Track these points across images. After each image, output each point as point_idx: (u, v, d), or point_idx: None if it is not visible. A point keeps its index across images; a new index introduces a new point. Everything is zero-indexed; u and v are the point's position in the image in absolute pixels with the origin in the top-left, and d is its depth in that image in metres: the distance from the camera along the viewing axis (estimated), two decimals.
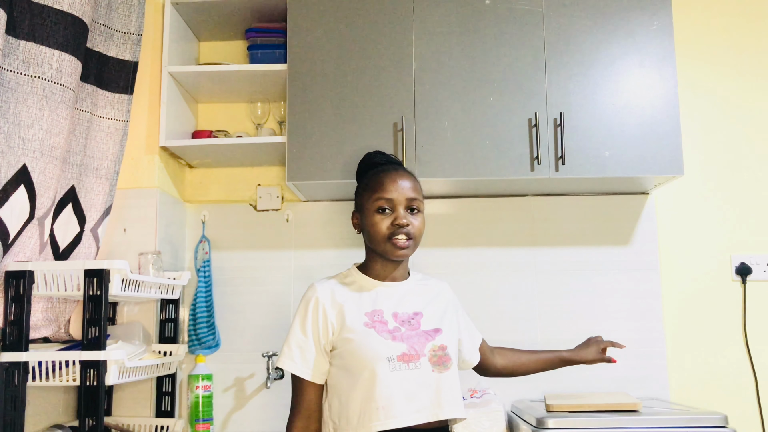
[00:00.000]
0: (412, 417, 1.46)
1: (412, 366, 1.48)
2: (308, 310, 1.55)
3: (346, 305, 1.54)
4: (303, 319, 1.55)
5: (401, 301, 1.59)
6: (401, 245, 1.54)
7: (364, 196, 1.60)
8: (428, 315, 1.58)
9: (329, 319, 1.53)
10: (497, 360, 1.83)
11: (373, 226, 1.55)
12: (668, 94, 2.09)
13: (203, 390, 2.15)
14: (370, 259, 1.63)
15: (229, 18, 2.35)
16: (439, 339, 1.54)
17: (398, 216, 1.54)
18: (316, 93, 2.12)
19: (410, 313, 1.57)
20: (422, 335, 1.53)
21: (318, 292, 1.56)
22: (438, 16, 2.14)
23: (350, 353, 1.49)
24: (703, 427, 1.80)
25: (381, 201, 1.55)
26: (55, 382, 1.68)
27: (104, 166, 2.02)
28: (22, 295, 1.67)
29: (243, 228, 2.43)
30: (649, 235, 2.37)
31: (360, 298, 1.57)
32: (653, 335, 2.32)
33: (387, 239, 1.54)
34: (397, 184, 1.56)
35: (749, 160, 2.42)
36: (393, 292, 1.60)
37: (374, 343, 1.48)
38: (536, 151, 2.06)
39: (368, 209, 1.57)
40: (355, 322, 1.52)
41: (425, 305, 1.60)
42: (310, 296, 1.57)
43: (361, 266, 1.66)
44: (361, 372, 1.47)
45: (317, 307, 1.54)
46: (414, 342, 1.51)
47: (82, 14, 1.78)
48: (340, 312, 1.53)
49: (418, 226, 1.56)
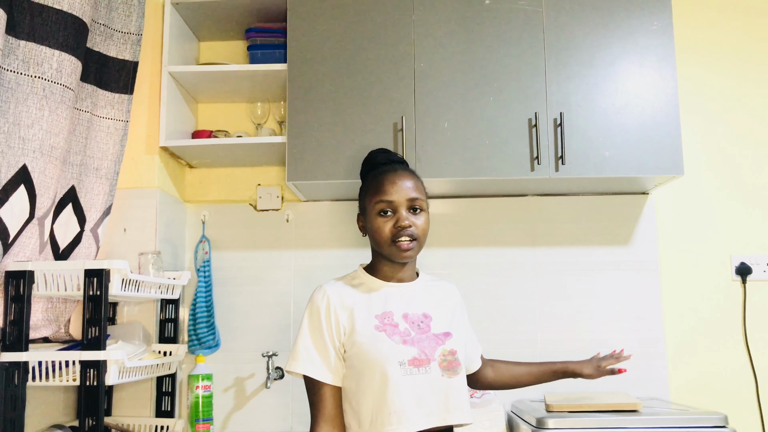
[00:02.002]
0: (423, 421, 1.44)
1: (423, 371, 1.46)
2: (321, 312, 1.51)
3: (356, 307, 1.52)
4: (317, 322, 1.51)
5: (410, 302, 1.57)
6: (405, 247, 1.52)
7: (366, 199, 1.58)
8: (438, 318, 1.56)
9: (341, 322, 1.50)
10: (488, 372, 1.79)
11: (376, 229, 1.53)
12: (668, 94, 2.09)
13: (203, 390, 2.15)
14: (376, 260, 1.61)
15: (229, 18, 2.35)
16: (449, 343, 1.52)
17: (400, 218, 1.52)
18: (316, 93, 2.12)
19: (420, 315, 1.55)
20: (433, 339, 1.52)
21: (329, 294, 1.53)
22: (438, 16, 2.14)
23: (361, 357, 1.46)
24: (703, 427, 1.80)
25: (382, 204, 1.53)
26: (55, 382, 1.68)
27: (104, 166, 2.02)
28: (22, 295, 1.67)
29: (243, 228, 2.43)
30: (649, 235, 2.37)
31: (369, 300, 1.54)
32: (653, 335, 2.32)
33: (391, 242, 1.52)
34: (397, 185, 1.53)
35: (749, 160, 2.42)
36: (402, 293, 1.58)
37: (385, 347, 1.46)
38: (536, 151, 2.06)
39: (370, 212, 1.55)
40: (366, 325, 1.49)
41: (435, 307, 1.59)
42: (321, 298, 1.53)
43: (367, 267, 1.64)
44: (372, 376, 1.44)
45: (329, 308, 1.51)
46: (425, 346, 1.49)
47: (82, 14, 1.78)
48: (350, 315, 1.50)
49: (421, 225, 1.54)
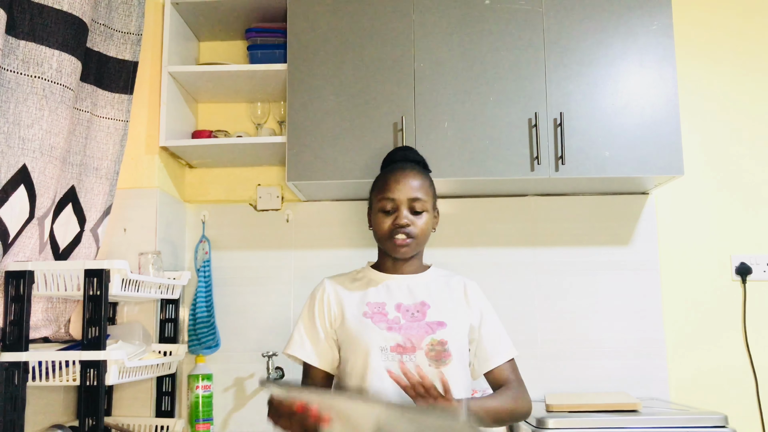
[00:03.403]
0: None
1: (406, 358, 1.49)
2: (315, 302, 1.62)
3: (351, 297, 1.61)
4: (311, 310, 1.62)
5: (410, 292, 1.61)
6: (400, 243, 1.58)
7: (372, 195, 1.66)
8: (436, 307, 1.58)
9: (332, 310, 1.60)
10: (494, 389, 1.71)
11: (376, 225, 1.61)
12: (668, 94, 2.09)
13: (203, 390, 2.15)
14: (380, 254, 1.69)
15: (229, 18, 2.35)
16: (440, 333, 1.53)
17: (399, 216, 1.58)
18: (316, 93, 2.12)
19: (417, 304, 1.58)
20: (423, 327, 1.53)
21: (325, 285, 1.65)
22: (438, 16, 2.14)
23: (347, 342, 1.55)
24: (703, 427, 1.80)
25: (384, 201, 1.60)
26: (55, 382, 1.68)
27: (104, 166, 2.02)
28: (22, 295, 1.67)
29: (243, 228, 2.43)
30: (649, 235, 2.37)
31: (366, 290, 1.62)
32: (653, 335, 2.32)
33: (388, 237, 1.59)
34: (401, 183, 1.59)
35: (749, 160, 2.42)
36: (401, 284, 1.63)
37: (368, 333, 1.52)
38: (536, 151, 2.06)
39: (374, 208, 1.63)
40: (355, 312, 1.57)
41: (435, 296, 1.60)
42: (318, 289, 1.66)
43: (374, 263, 1.71)
44: (356, 360, 1.52)
45: (323, 298, 1.62)
46: (412, 334, 1.52)
47: (82, 14, 1.78)
48: (342, 303, 1.60)
49: (421, 225, 1.59)
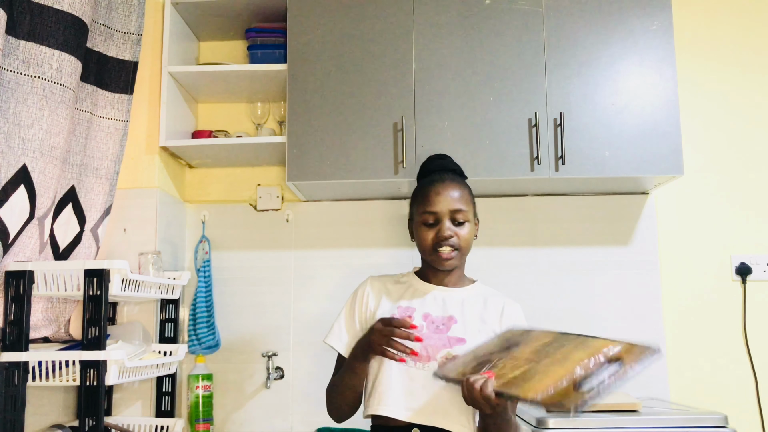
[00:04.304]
0: (405, 413, 1.49)
1: (420, 366, 1.51)
2: (356, 297, 1.67)
3: (387, 298, 1.64)
4: (351, 304, 1.67)
5: (443, 305, 1.60)
6: (446, 256, 1.58)
7: (414, 208, 1.66)
8: (463, 323, 1.57)
9: (369, 307, 1.64)
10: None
11: (419, 238, 1.62)
12: (668, 94, 2.09)
13: (203, 390, 2.15)
14: (423, 264, 1.70)
15: (229, 18, 2.35)
16: (457, 349, 1.52)
17: (442, 228, 1.58)
18: (316, 93, 2.12)
19: (445, 317, 1.58)
20: (443, 340, 1.53)
21: (369, 282, 1.69)
22: (438, 16, 2.14)
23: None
24: (703, 427, 1.80)
25: (426, 215, 1.60)
26: (55, 382, 1.68)
27: (104, 166, 2.02)
28: (22, 295, 1.67)
29: (243, 228, 2.43)
30: (649, 235, 2.37)
31: (402, 294, 1.64)
32: (653, 335, 2.31)
33: (432, 250, 1.59)
34: (442, 195, 1.59)
35: (749, 159, 2.42)
36: (438, 296, 1.63)
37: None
38: (536, 151, 2.06)
39: (416, 221, 1.64)
40: (386, 313, 1.59)
41: (466, 313, 1.59)
42: (361, 284, 1.70)
43: (418, 270, 1.72)
44: (373, 360, 1.54)
45: (363, 294, 1.66)
46: (430, 344, 1.52)
47: (82, 14, 1.78)
48: (378, 302, 1.63)
49: (464, 236, 1.59)
